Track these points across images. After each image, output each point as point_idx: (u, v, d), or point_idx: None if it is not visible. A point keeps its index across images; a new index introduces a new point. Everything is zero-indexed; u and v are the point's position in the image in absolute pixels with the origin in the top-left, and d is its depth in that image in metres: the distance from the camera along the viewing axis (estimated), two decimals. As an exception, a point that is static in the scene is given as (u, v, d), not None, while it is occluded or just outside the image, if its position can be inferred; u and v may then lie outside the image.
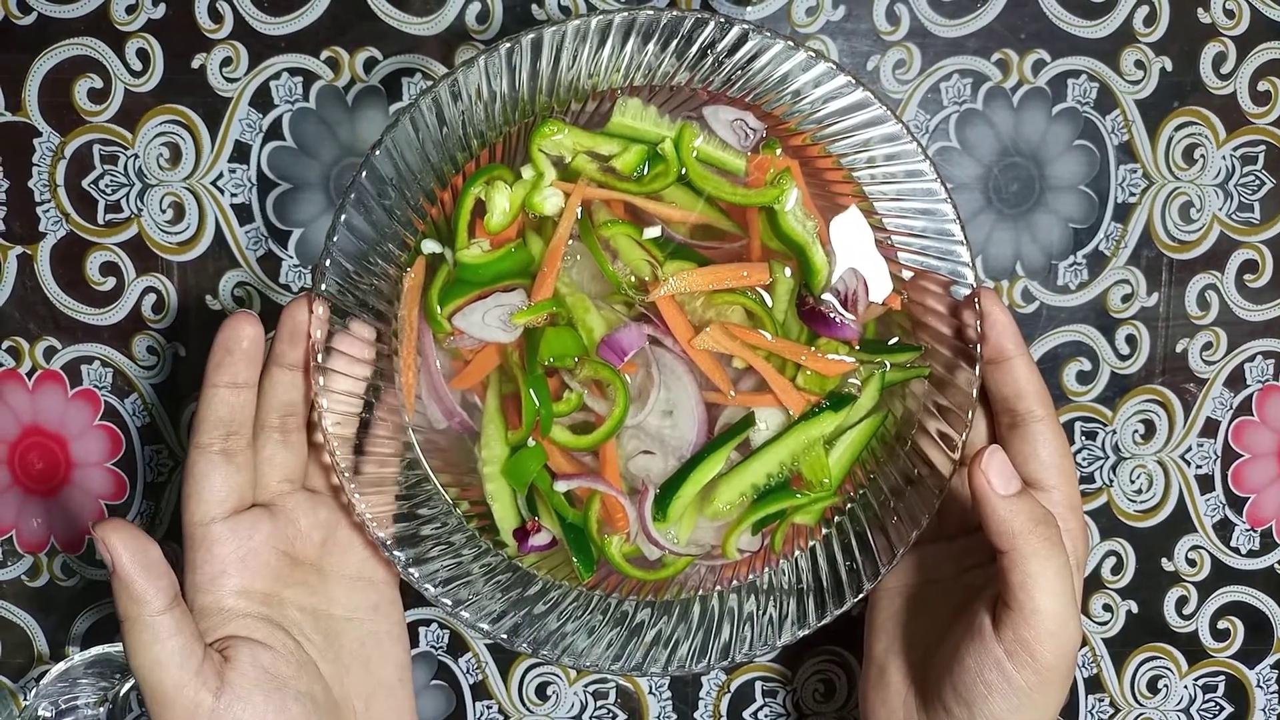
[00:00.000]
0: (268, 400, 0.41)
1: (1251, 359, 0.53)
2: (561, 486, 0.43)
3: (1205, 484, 0.54)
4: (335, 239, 0.41)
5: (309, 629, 0.42)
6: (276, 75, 0.51)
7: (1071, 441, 0.53)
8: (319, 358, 0.41)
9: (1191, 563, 0.54)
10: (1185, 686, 0.55)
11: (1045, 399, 0.42)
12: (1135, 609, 0.54)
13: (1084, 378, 0.53)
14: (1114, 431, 0.53)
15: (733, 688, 0.54)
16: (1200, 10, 0.51)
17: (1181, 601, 0.54)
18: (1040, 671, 0.37)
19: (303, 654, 0.41)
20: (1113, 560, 0.54)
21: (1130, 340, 0.53)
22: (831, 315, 0.43)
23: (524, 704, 0.54)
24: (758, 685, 0.55)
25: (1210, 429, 0.53)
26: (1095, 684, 0.55)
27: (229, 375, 0.40)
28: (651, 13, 0.39)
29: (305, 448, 0.43)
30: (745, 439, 0.43)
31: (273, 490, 0.42)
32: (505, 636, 0.42)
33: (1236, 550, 0.54)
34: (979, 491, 0.38)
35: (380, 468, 0.43)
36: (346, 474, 0.41)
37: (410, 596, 0.52)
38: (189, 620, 0.38)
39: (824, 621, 0.42)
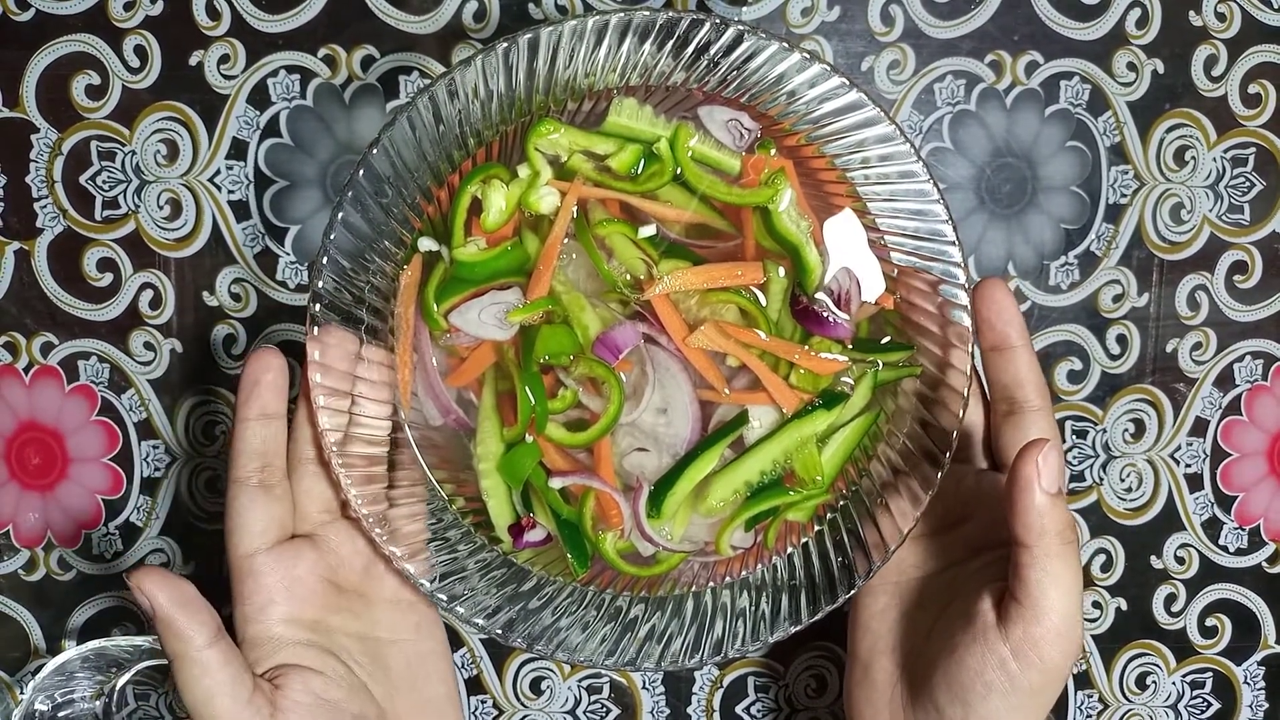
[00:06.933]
0: (301, 432, 0.42)
1: (1240, 359, 0.54)
2: (556, 483, 0.43)
3: (1194, 483, 0.54)
4: (332, 236, 0.41)
5: (357, 653, 0.42)
6: (274, 73, 0.51)
7: (1062, 440, 0.53)
8: (318, 376, 0.41)
9: (1180, 560, 0.54)
10: (1173, 683, 0.55)
11: (1043, 391, 0.42)
12: (1124, 606, 0.55)
13: (1075, 377, 0.53)
14: (1104, 430, 0.53)
15: (725, 683, 0.55)
16: (1192, 13, 0.52)
17: (1170, 599, 0.55)
18: (1046, 672, 0.37)
19: (353, 678, 0.42)
20: (1102, 558, 0.54)
21: (1121, 340, 0.53)
22: (825, 314, 0.43)
23: (518, 699, 0.54)
24: (750, 680, 0.55)
25: (1199, 428, 0.54)
26: (1084, 680, 0.55)
27: (258, 407, 0.40)
28: (648, 13, 0.40)
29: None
30: (739, 436, 0.44)
31: (314, 521, 0.42)
32: (500, 632, 0.42)
33: (1225, 548, 0.55)
34: (1023, 480, 0.37)
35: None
36: (343, 470, 0.42)
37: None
38: (235, 652, 0.38)
39: (816, 617, 0.43)
